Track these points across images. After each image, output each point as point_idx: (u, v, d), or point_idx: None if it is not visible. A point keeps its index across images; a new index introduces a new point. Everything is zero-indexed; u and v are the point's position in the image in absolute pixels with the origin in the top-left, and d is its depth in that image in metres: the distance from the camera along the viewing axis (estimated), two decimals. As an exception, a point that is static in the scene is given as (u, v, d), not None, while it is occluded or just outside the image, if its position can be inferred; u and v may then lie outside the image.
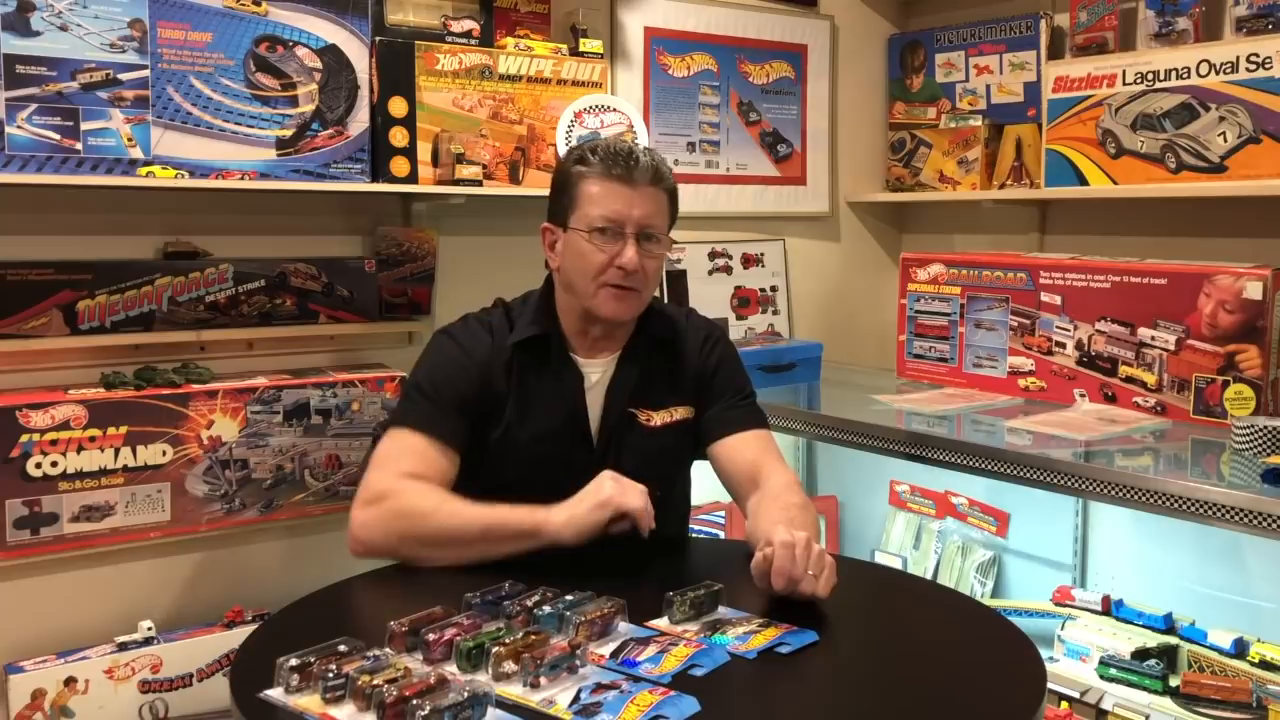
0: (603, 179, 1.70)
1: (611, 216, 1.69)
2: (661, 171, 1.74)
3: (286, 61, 2.16)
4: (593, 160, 1.71)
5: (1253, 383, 2.14)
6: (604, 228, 1.69)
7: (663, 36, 2.86)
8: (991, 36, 3.02)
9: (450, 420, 1.69)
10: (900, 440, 2.24)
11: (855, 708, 1.25)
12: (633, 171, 1.69)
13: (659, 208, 1.73)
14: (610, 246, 1.69)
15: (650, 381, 1.80)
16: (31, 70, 1.90)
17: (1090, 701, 2.04)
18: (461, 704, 1.09)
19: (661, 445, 1.79)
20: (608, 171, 1.70)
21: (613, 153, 1.71)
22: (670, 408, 1.80)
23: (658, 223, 1.73)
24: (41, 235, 2.06)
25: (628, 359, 1.79)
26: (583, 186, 1.71)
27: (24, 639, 2.02)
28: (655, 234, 1.72)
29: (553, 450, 1.72)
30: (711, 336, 1.88)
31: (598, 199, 1.70)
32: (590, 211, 1.70)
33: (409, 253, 2.41)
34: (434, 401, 1.70)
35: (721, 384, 1.84)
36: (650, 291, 1.77)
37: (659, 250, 1.74)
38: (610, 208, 1.69)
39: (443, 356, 1.76)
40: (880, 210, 3.36)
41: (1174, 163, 2.54)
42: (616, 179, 1.69)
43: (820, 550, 1.45)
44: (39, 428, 1.95)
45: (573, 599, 1.37)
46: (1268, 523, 1.68)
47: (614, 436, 1.76)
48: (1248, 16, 2.45)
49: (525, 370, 1.76)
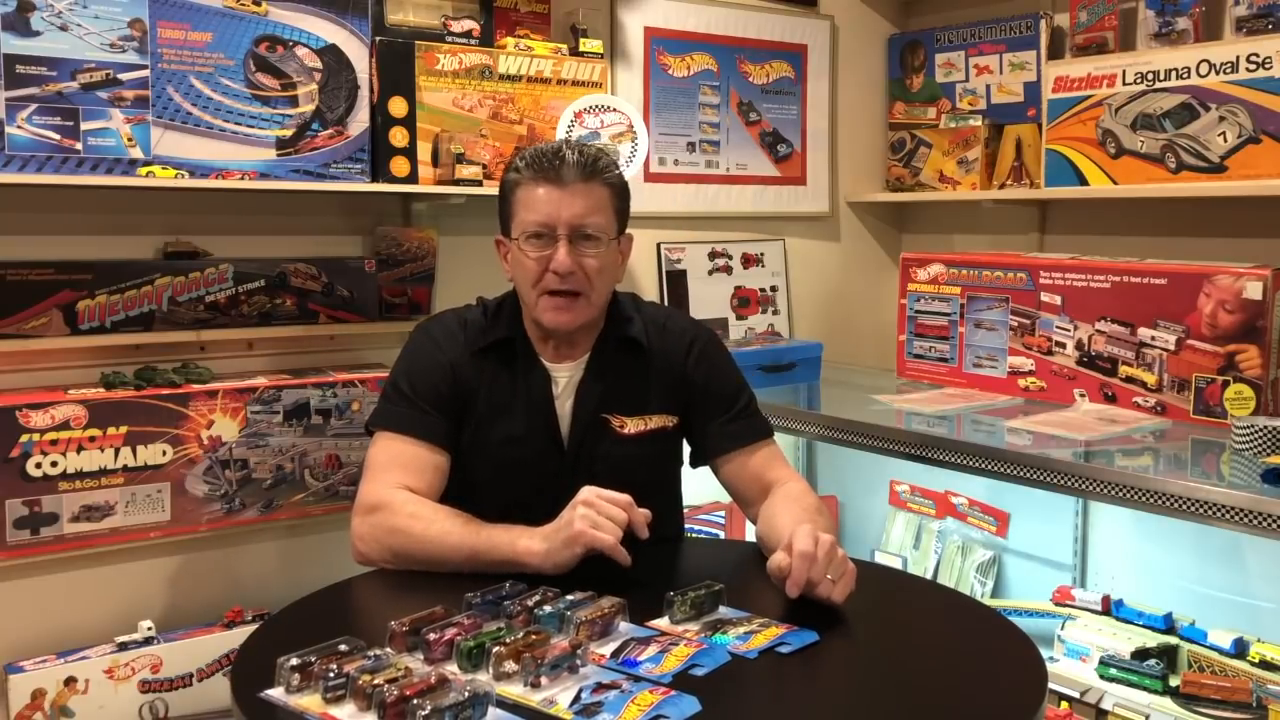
0: (532, 184, 1.66)
1: (541, 220, 1.65)
2: (597, 166, 1.68)
3: (286, 61, 2.16)
4: (522, 166, 1.68)
5: (1253, 383, 2.14)
6: (536, 233, 1.65)
7: (663, 36, 2.86)
8: (991, 36, 3.02)
9: (431, 419, 1.68)
10: (900, 440, 2.24)
11: (855, 708, 1.25)
12: (560, 170, 1.64)
13: (594, 204, 1.67)
14: (543, 252, 1.65)
15: (623, 387, 1.75)
16: (31, 70, 1.90)
17: (1090, 701, 2.04)
18: (462, 704, 1.09)
19: (635, 453, 1.74)
20: (535, 175, 1.66)
21: (540, 154, 1.67)
22: (646, 415, 1.75)
23: (594, 220, 1.67)
24: (41, 235, 2.06)
25: (595, 364, 1.75)
26: (516, 194, 1.69)
27: (24, 639, 2.02)
28: (591, 232, 1.66)
29: (523, 454, 1.69)
30: (697, 340, 1.81)
31: (528, 204, 1.66)
32: (524, 218, 1.67)
33: (409, 253, 2.41)
34: (412, 401, 1.69)
35: (715, 396, 1.79)
36: (599, 294, 1.71)
37: (598, 249, 1.67)
38: (539, 212, 1.65)
39: (418, 354, 1.75)
40: (880, 210, 3.36)
41: (1174, 163, 2.54)
42: (544, 181, 1.65)
43: (842, 556, 1.43)
44: (39, 428, 1.95)
45: (573, 599, 1.37)
46: (1268, 523, 1.68)
47: (584, 443, 1.72)
48: (1248, 16, 2.45)
49: (496, 371, 1.73)
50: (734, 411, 1.79)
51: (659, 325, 1.81)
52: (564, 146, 1.68)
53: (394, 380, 1.74)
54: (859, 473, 2.84)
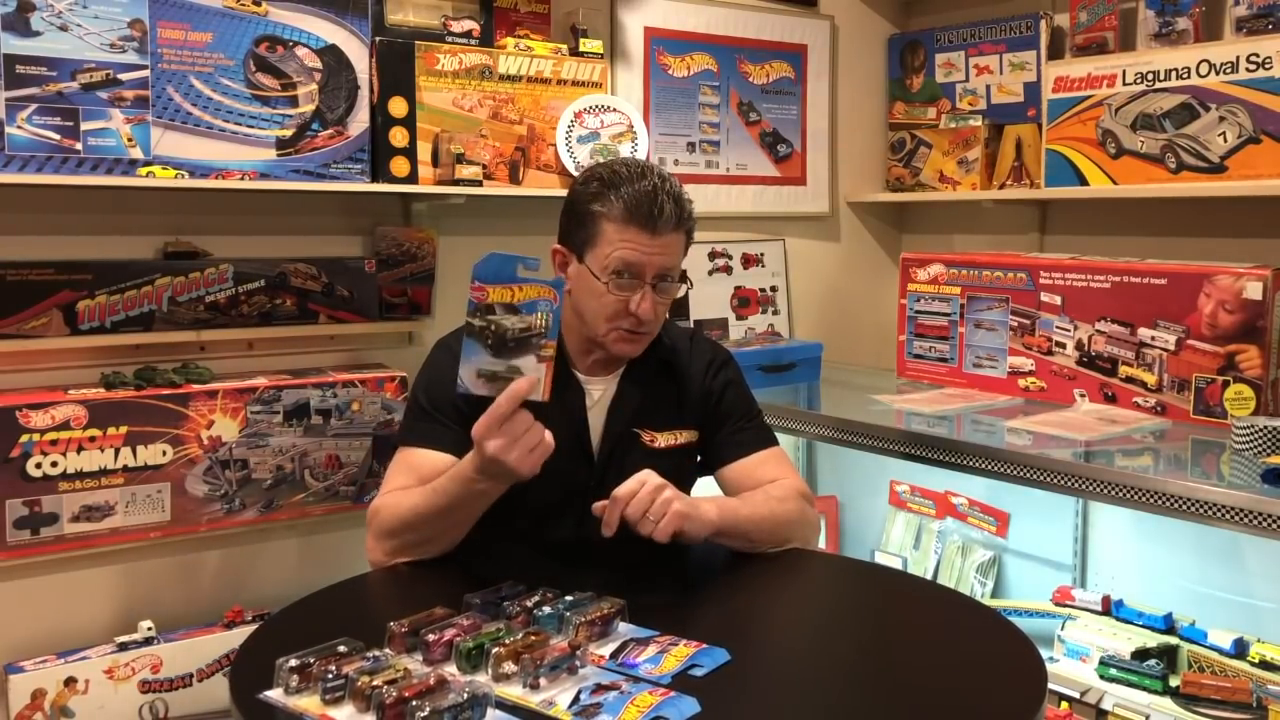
0: (624, 225, 1.64)
1: (631, 264, 1.64)
2: (684, 214, 1.68)
3: (286, 61, 2.16)
4: (613, 200, 1.65)
5: (1253, 383, 2.14)
6: (621, 272, 1.65)
7: (663, 36, 2.86)
8: (991, 36, 3.02)
9: (449, 431, 1.68)
10: (900, 440, 2.24)
11: (855, 708, 1.25)
12: (657, 220, 1.64)
13: (678, 250, 1.70)
14: (626, 293, 1.66)
15: (654, 403, 1.79)
16: (31, 70, 1.90)
17: (1090, 701, 2.04)
18: (461, 705, 1.09)
19: (664, 467, 1.72)
20: (630, 218, 1.64)
21: (636, 195, 1.64)
22: (674, 430, 1.79)
23: (675, 264, 1.70)
24: (41, 235, 2.06)
25: (630, 378, 1.78)
26: (602, 226, 1.66)
27: (24, 639, 2.02)
28: (671, 276, 1.70)
29: (553, 464, 1.70)
30: (717, 359, 1.86)
31: (617, 244, 1.64)
32: (609, 255, 1.65)
33: (409, 253, 2.41)
34: (432, 416, 1.70)
35: (728, 407, 1.83)
36: (659, 326, 1.76)
37: (673, 290, 1.72)
38: (629, 255, 1.64)
39: (439, 370, 1.74)
40: (880, 210, 3.36)
41: (1174, 163, 2.54)
42: (640, 225, 1.64)
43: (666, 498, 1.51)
44: (39, 428, 1.95)
45: (573, 600, 1.37)
46: (1268, 523, 1.68)
47: (615, 455, 1.74)
48: (1248, 16, 2.45)
49: None
50: (742, 423, 1.84)
51: (685, 344, 1.86)
52: (659, 190, 1.65)
53: (414, 396, 1.76)
54: (859, 473, 2.84)
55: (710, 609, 1.55)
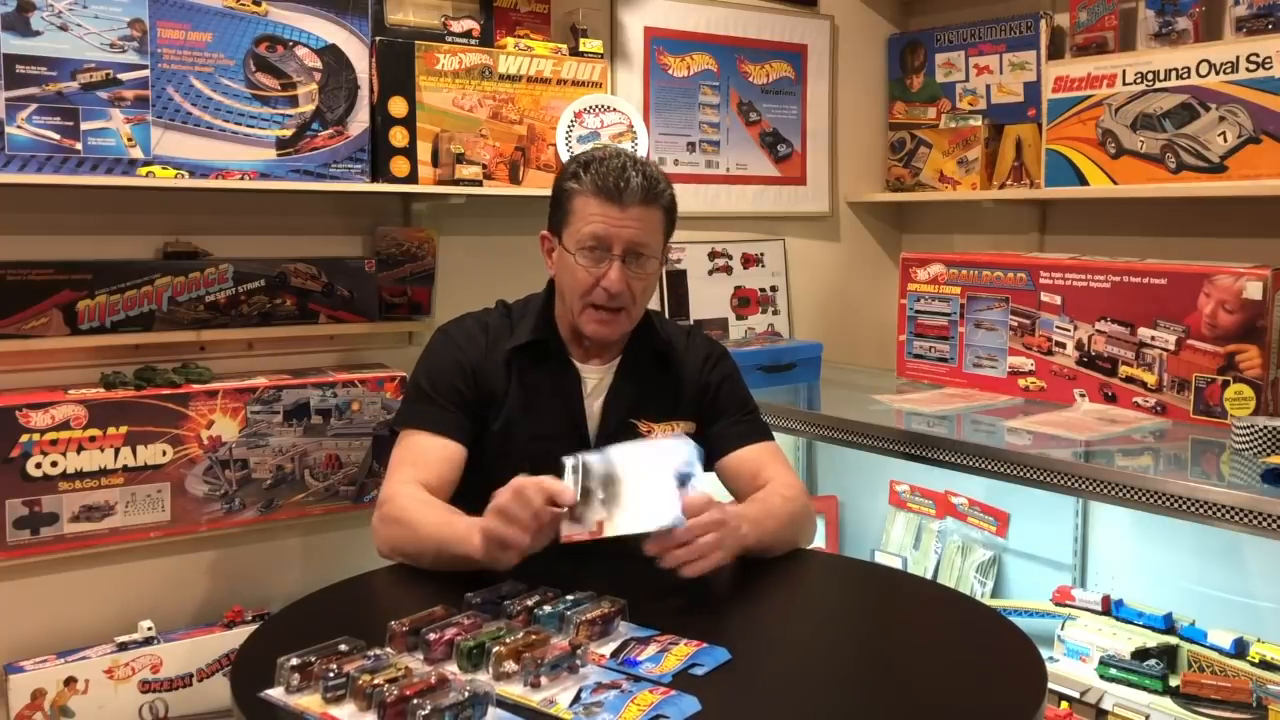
0: (592, 197, 1.68)
1: (599, 235, 1.67)
2: (656, 189, 1.70)
3: (286, 61, 2.16)
4: (584, 177, 1.69)
5: (1253, 383, 2.14)
6: (591, 247, 1.68)
7: (663, 36, 2.86)
8: (991, 36, 3.02)
9: (450, 415, 1.71)
10: (900, 440, 2.24)
11: (855, 707, 1.25)
12: (623, 192, 1.66)
13: (650, 226, 1.71)
14: (596, 267, 1.68)
15: (652, 393, 1.80)
16: (31, 70, 1.90)
17: (1090, 701, 2.04)
18: (462, 704, 1.09)
19: None
20: (597, 190, 1.67)
21: (605, 170, 1.68)
22: (673, 421, 1.80)
23: (647, 241, 1.70)
24: (41, 235, 2.06)
25: (626, 369, 1.80)
26: (574, 203, 1.70)
27: (24, 639, 2.02)
28: (644, 253, 1.70)
29: (551, 451, 1.71)
30: (714, 354, 1.88)
31: (586, 218, 1.68)
32: (579, 229, 1.69)
33: (409, 253, 2.41)
34: (431, 399, 1.72)
35: (725, 400, 1.85)
36: (639, 309, 1.76)
37: (648, 269, 1.72)
38: (597, 228, 1.67)
39: (438, 354, 1.78)
40: (880, 210, 3.36)
41: (1174, 163, 2.54)
42: (606, 198, 1.67)
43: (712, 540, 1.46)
44: (39, 428, 1.95)
45: (573, 599, 1.37)
46: (1268, 523, 1.68)
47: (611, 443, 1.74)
48: (1248, 16, 2.45)
49: (525, 370, 1.77)
50: (739, 415, 1.85)
51: (682, 339, 1.88)
52: (628, 165, 1.69)
53: (414, 380, 1.78)
54: (859, 473, 2.84)
55: (710, 608, 1.55)
